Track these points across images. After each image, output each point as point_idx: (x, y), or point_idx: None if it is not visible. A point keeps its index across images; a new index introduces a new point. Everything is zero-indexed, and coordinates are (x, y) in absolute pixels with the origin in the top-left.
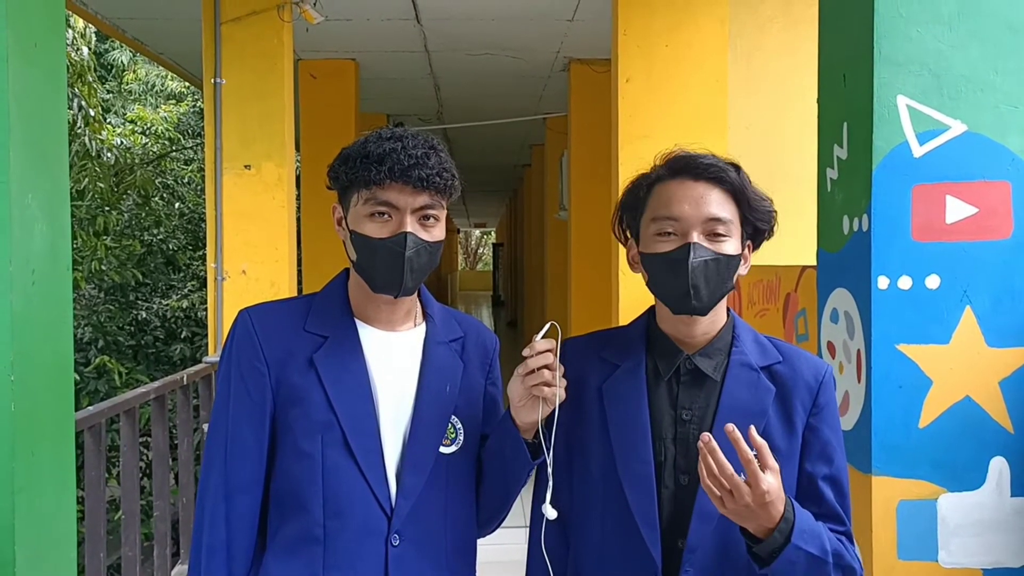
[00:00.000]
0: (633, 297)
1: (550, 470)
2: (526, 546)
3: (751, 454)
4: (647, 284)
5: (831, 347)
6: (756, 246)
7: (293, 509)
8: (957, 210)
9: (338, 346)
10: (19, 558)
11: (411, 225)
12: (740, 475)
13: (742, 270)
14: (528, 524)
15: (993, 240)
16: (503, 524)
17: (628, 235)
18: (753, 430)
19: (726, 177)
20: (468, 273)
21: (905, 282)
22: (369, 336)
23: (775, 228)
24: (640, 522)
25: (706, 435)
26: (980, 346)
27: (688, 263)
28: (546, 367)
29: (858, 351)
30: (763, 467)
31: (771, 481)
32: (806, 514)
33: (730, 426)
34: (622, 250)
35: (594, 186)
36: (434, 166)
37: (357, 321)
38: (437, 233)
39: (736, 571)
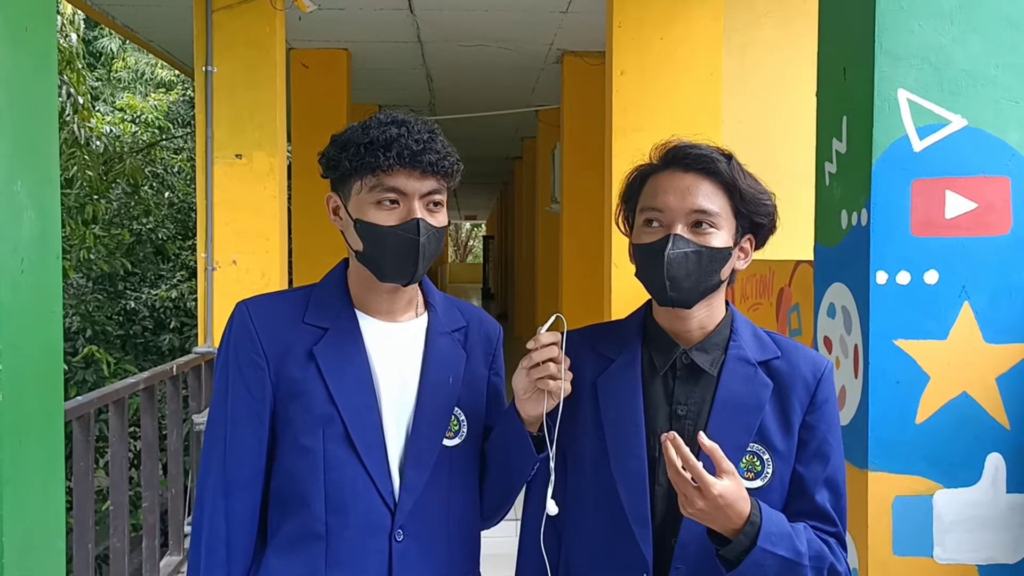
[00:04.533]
0: (625, 291)
1: (552, 464)
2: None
3: (694, 460)
4: (635, 274)
5: (827, 342)
6: (760, 240)
7: (294, 505)
8: (956, 205)
9: (338, 338)
10: (7, 548)
11: (420, 211)
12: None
13: (740, 264)
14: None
15: (992, 236)
16: (506, 517)
17: (630, 225)
18: (702, 435)
19: (715, 168)
20: (458, 266)
21: (903, 277)
22: (370, 327)
23: (776, 222)
24: (632, 520)
25: (671, 434)
26: (978, 342)
27: (665, 254)
28: (551, 360)
29: (855, 346)
30: (718, 471)
31: (725, 484)
32: (776, 515)
33: (672, 433)
34: (614, 243)
35: (586, 179)
36: (440, 150)
37: (357, 312)
38: (442, 218)
39: None
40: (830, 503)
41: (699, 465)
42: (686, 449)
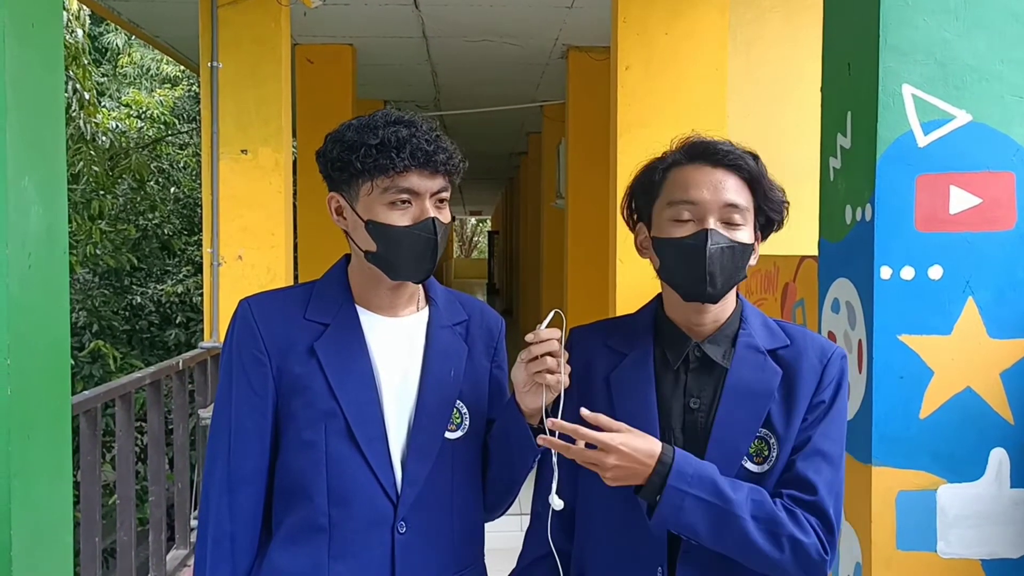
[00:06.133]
0: (630, 286)
1: (555, 459)
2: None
3: (579, 428)
4: (657, 270)
5: (832, 337)
6: (763, 237)
7: (297, 499)
8: (961, 200)
9: (339, 334)
10: (15, 541)
11: (432, 210)
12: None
13: (752, 260)
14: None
15: (996, 231)
16: (508, 511)
17: (637, 219)
18: (584, 410)
19: (744, 164)
20: (463, 261)
21: (908, 272)
22: (371, 322)
23: (785, 219)
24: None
25: (550, 426)
26: (982, 337)
27: (706, 249)
28: (549, 354)
29: (859, 341)
30: (609, 430)
31: (622, 434)
32: (700, 463)
33: (550, 423)
34: (620, 239)
35: (591, 175)
36: (448, 148)
37: (358, 308)
38: (447, 214)
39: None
40: (812, 471)
41: (587, 429)
42: (557, 442)
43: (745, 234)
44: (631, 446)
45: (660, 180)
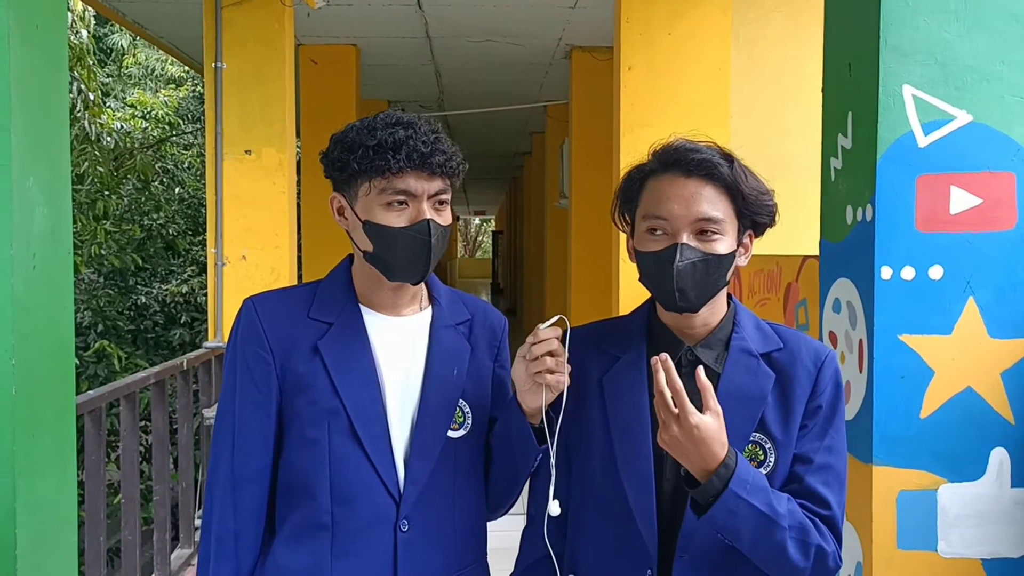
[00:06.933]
0: (633, 286)
1: (553, 460)
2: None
3: (679, 385)
4: (639, 279)
5: (833, 337)
6: (759, 234)
7: (300, 497)
8: (961, 201)
9: (343, 333)
10: (20, 540)
11: (429, 212)
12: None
13: (741, 261)
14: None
15: (997, 231)
16: (510, 511)
17: (627, 222)
18: (700, 370)
19: (718, 173)
20: (467, 261)
21: (908, 272)
22: (374, 322)
23: (776, 218)
24: (638, 518)
25: (664, 356)
26: (982, 337)
27: (674, 266)
28: (549, 353)
29: (860, 341)
30: (704, 408)
31: (705, 419)
32: (755, 471)
33: (663, 355)
34: (622, 239)
35: (594, 174)
36: (447, 150)
37: (362, 307)
38: (448, 216)
39: (731, 558)
40: (823, 485)
41: (683, 391)
42: (675, 375)
43: (723, 244)
44: (704, 434)
45: (638, 190)
